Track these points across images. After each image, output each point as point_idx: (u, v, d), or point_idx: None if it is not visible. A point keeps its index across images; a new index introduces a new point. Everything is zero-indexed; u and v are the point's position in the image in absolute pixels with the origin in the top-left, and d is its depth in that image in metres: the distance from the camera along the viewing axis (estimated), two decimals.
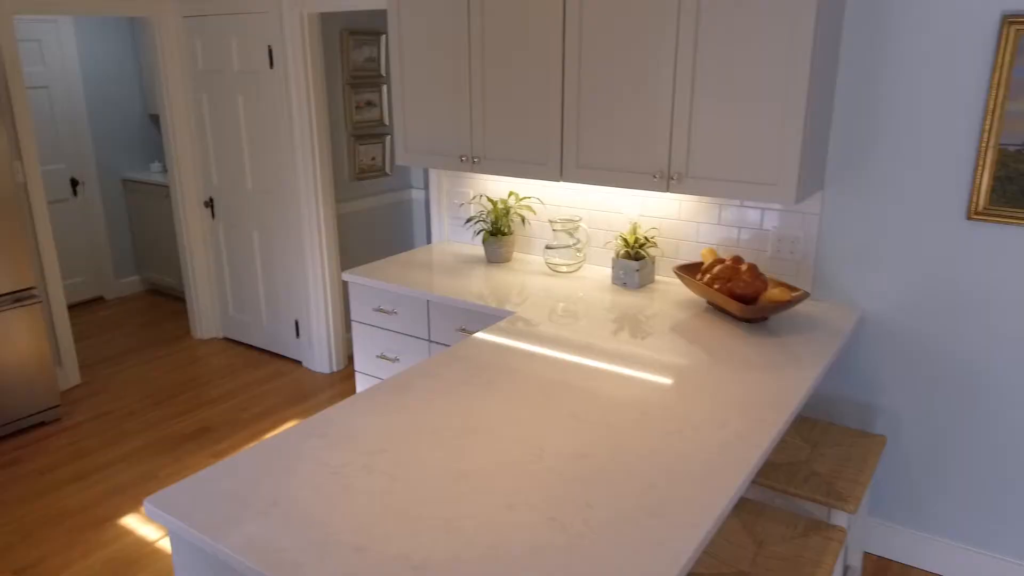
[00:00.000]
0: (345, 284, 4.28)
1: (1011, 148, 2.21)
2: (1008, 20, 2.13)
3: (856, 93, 2.42)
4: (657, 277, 2.93)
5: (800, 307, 2.59)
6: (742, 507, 1.98)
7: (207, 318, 4.78)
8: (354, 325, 3.05)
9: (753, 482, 2.14)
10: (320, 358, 4.28)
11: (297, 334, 4.35)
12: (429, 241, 3.51)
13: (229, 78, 4.16)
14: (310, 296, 4.19)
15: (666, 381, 2.01)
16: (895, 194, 2.43)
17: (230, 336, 4.77)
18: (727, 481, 1.53)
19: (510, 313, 2.56)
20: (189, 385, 4.15)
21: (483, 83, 2.78)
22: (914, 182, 2.39)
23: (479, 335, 2.32)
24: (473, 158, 2.89)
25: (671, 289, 2.81)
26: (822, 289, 2.64)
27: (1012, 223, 2.25)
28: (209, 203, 4.52)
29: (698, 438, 1.71)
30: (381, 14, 4.27)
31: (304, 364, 4.39)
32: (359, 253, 4.47)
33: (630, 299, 2.70)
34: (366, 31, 4.25)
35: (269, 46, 3.90)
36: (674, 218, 2.87)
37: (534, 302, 2.66)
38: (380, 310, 2.94)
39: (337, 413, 1.82)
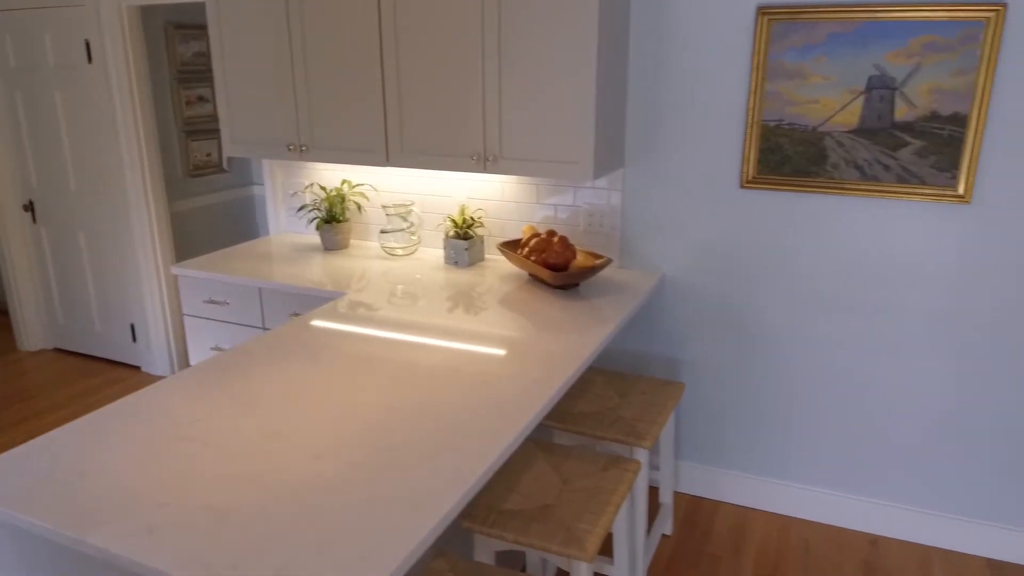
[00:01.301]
0: None
1: (771, 123, 2.54)
2: (762, 11, 2.46)
3: (645, 79, 2.69)
4: (487, 255, 3.11)
5: (610, 274, 2.84)
6: (553, 452, 2.17)
7: (34, 329, 4.51)
8: (186, 319, 3.02)
9: (566, 430, 2.35)
10: (160, 361, 4.15)
11: (134, 338, 4.20)
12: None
13: (45, 74, 3.96)
14: (145, 298, 4.06)
15: (486, 345, 2.17)
16: (683, 168, 2.72)
17: (61, 346, 4.53)
18: (519, 418, 1.71)
19: (342, 294, 2.64)
20: (15, 399, 3.92)
21: (306, 71, 2.85)
22: (698, 156, 2.69)
23: (306, 317, 2.40)
24: (301, 147, 2.95)
25: (498, 265, 2.99)
26: (629, 257, 2.90)
27: (776, 189, 2.59)
28: (29, 207, 4.27)
29: (501, 388, 1.87)
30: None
31: (143, 368, 4.25)
32: (199, 252, 4.37)
33: (462, 276, 2.85)
34: (193, 25, 4.17)
35: (86, 40, 3.75)
36: (499, 199, 3.06)
37: (372, 284, 2.75)
38: (211, 301, 2.93)
39: (152, 392, 1.85)
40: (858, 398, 2.69)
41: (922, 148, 2.38)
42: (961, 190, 2.37)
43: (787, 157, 2.55)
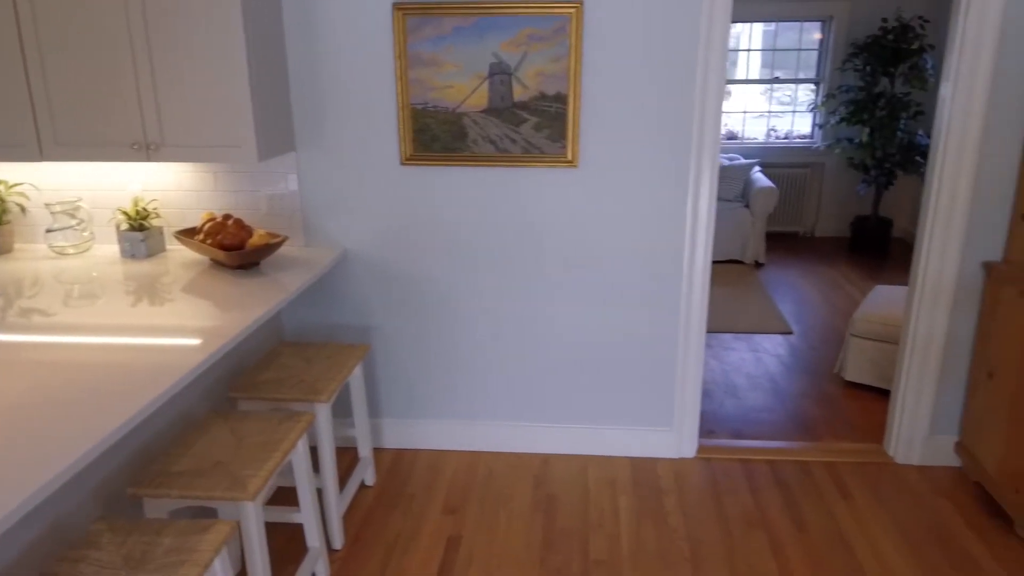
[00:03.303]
0: None
1: (418, 106, 2.88)
2: (396, 7, 2.77)
3: (304, 68, 2.89)
4: (168, 245, 3.12)
5: (294, 252, 3.01)
6: (233, 418, 2.30)
7: None
8: None
9: (249, 398, 2.49)
10: None
11: None
12: None
13: None
14: None
15: (162, 329, 2.24)
16: (351, 149, 2.97)
17: None
18: (163, 382, 1.83)
19: None
20: None
21: None
22: (363, 139, 2.95)
23: None
24: None
25: (180, 254, 3.02)
26: (313, 235, 3.09)
27: (430, 164, 2.94)
28: None
29: (157, 359, 1.97)
30: None
31: None
32: None
33: (142, 268, 2.84)
34: None
35: None
36: (175, 189, 3.08)
37: (46, 287, 2.65)
38: None
39: None
40: (521, 339, 3.15)
41: (538, 123, 2.85)
42: (570, 156, 2.88)
43: (436, 136, 2.90)
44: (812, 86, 7.09)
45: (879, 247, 6.56)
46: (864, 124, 6.21)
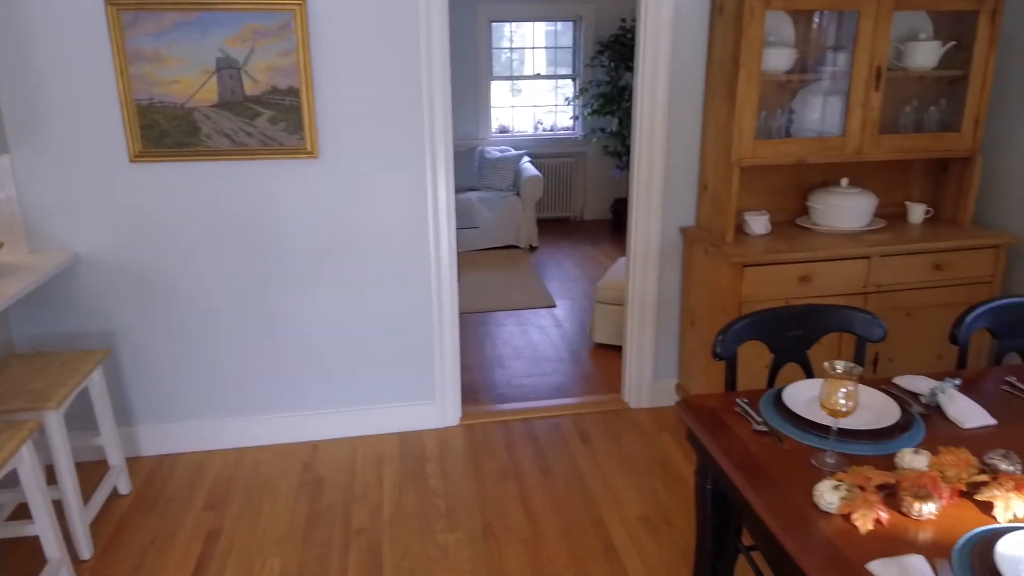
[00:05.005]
0: None
1: (143, 102, 2.83)
2: (109, 3, 2.70)
3: (14, 65, 2.72)
4: None
5: (14, 259, 2.83)
6: None
7: None
8: None
9: None
10: None
11: None
12: None
13: None
14: None
15: None
16: (75, 150, 2.85)
17: None
18: None
19: None
20: None
21: None
22: (87, 138, 2.85)
23: None
24: None
25: None
26: (37, 240, 2.93)
27: (162, 160, 2.90)
28: None
29: None
30: None
31: None
32: None
33: None
34: None
35: None
36: None
37: None
38: None
39: None
40: (277, 329, 3.20)
41: (273, 116, 2.92)
42: (309, 147, 2.98)
43: (166, 132, 2.87)
44: (572, 81, 7.69)
45: None
46: (613, 115, 6.84)
